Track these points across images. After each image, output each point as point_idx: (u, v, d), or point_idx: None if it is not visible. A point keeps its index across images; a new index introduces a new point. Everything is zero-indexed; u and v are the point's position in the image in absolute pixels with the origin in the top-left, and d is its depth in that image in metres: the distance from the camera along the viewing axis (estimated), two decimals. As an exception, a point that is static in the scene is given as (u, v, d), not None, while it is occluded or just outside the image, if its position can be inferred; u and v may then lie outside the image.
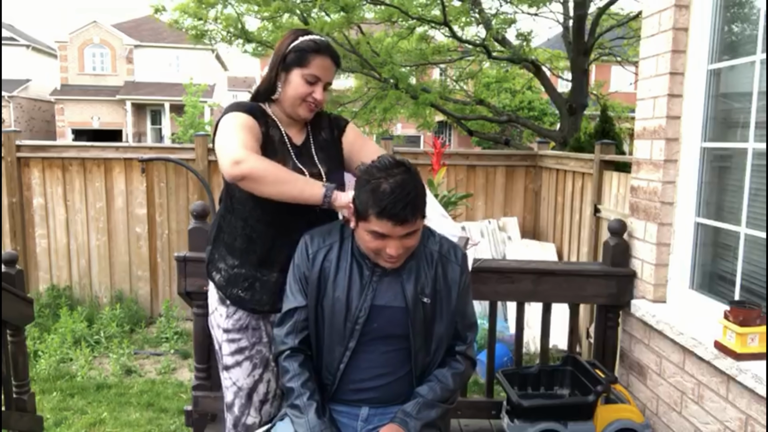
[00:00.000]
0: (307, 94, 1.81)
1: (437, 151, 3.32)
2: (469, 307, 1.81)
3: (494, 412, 2.67)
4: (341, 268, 1.70)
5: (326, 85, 1.85)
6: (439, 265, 1.73)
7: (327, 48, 1.84)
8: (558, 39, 10.95)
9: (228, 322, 1.91)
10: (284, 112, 1.87)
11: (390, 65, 8.30)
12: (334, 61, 1.86)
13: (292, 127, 1.91)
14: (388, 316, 1.68)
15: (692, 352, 2.15)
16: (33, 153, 6.10)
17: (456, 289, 1.74)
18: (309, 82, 1.80)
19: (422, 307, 1.68)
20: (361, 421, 1.73)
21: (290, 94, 1.82)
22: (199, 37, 9.12)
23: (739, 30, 2.28)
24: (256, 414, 1.94)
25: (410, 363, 1.71)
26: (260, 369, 1.93)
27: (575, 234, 5.49)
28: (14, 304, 2.65)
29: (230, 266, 1.87)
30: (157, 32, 25.98)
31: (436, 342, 1.72)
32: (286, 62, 1.82)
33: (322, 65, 1.81)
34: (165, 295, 6.24)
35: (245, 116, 1.78)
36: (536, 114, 18.69)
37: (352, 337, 1.67)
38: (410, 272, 1.70)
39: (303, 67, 1.80)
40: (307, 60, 1.80)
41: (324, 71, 1.82)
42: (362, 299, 1.67)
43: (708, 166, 2.36)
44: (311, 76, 1.80)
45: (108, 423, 4.01)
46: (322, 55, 1.81)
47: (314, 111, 1.87)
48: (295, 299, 1.72)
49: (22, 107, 26.12)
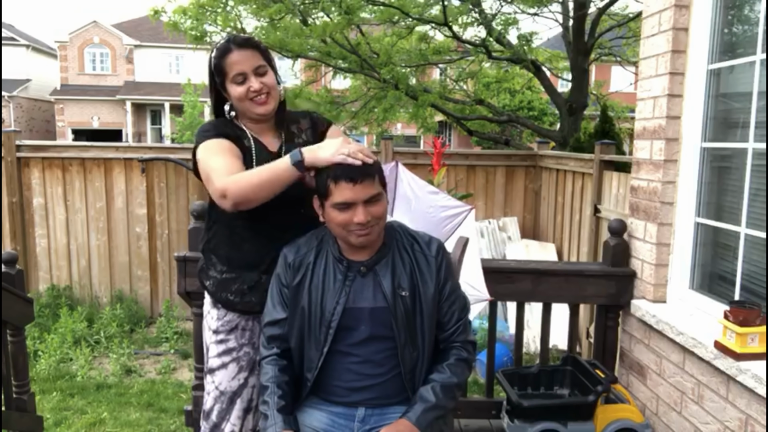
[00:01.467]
0: (246, 92, 1.79)
1: (437, 151, 3.32)
2: (455, 294, 1.79)
3: (494, 412, 2.67)
4: (316, 274, 1.73)
5: (257, 71, 1.80)
6: (414, 258, 1.75)
7: (229, 44, 1.81)
8: (558, 39, 10.95)
9: (218, 323, 1.92)
10: (249, 119, 1.87)
11: (390, 66, 8.29)
12: (245, 48, 1.80)
13: (265, 134, 1.89)
14: (369, 316, 1.69)
15: (692, 352, 2.15)
16: (33, 153, 6.10)
17: (433, 280, 1.74)
18: (239, 83, 1.79)
19: (401, 300, 1.70)
20: (357, 422, 1.73)
21: (236, 103, 1.83)
22: (199, 39, 9.12)
23: (739, 30, 2.29)
24: (236, 421, 1.91)
25: (398, 359, 1.71)
26: (246, 372, 1.93)
27: (575, 234, 5.49)
28: (14, 304, 2.65)
29: (219, 272, 1.89)
30: (157, 32, 25.89)
31: (421, 334, 1.72)
32: (216, 84, 1.84)
33: (235, 61, 1.79)
34: (165, 295, 6.24)
35: (217, 141, 1.77)
36: (536, 114, 18.67)
37: (326, 341, 1.69)
38: (386, 269, 1.72)
39: (226, 77, 1.80)
40: (223, 67, 1.80)
41: (241, 64, 1.78)
42: (335, 302, 1.69)
43: (708, 166, 2.36)
44: (236, 77, 1.79)
45: (108, 423, 4.00)
46: (230, 53, 1.80)
47: (267, 101, 1.82)
48: (276, 312, 1.76)
49: (22, 107, 26.11)
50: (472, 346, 1.82)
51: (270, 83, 1.82)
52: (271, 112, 1.86)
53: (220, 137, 1.79)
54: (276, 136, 1.91)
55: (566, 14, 8.58)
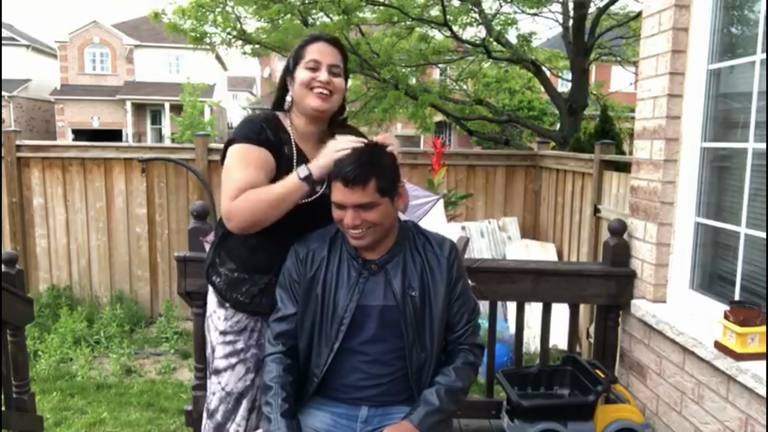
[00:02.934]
0: (312, 79, 1.78)
1: (437, 151, 3.32)
2: (465, 296, 1.79)
3: (494, 412, 2.67)
4: (329, 270, 1.72)
5: (332, 68, 1.80)
6: (426, 259, 1.75)
7: (320, 35, 1.85)
8: (558, 39, 10.93)
9: (226, 324, 1.90)
10: (302, 118, 1.84)
11: (390, 66, 8.29)
12: (332, 44, 1.83)
13: (311, 142, 1.86)
14: (379, 315, 1.69)
15: (692, 352, 2.15)
16: (33, 153, 6.10)
17: (444, 281, 1.74)
18: (310, 68, 1.78)
19: (411, 300, 1.69)
20: (360, 422, 1.73)
21: (297, 89, 1.80)
22: (199, 39, 9.12)
23: (738, 30, 2.29)
24: (241, 422, 1.91)
25: (405, 360, 1.71)
26: (252, 373, 1.92)
27: (575, 234, 5.49)
28: (14, 304, 2.65)
29: (230, 270, 1.87)
30: (157, 32, 25.88)
31: (430, 335, 1.72)
32: (290, 69, 1.83)
33: (318, 49, 1.80)
34: (165, 295, 6.24)
35: (252, 149, 1.74)
36: (536, 114, 18.66)
37: (337, 338, 1.68)
38: (396, 268, 1.71)
39: (301, 59, 1.80)
40: (304, 51, 1.80)
41: (321, 54, 1.79)
42: (348, 300, 1.68)
43: (708, 166, 2.36)
44: (310, 62, 1.78)
45: (108, 423, 4.00)
46: (316, 41, 1.81)
47: (327, 99, 1.79)
48: (285, 308, 1.75)
49: (22, 107, 26.11)
50: (480, 350, 1.82)
51: (338, 84, 1.82)
52: (325, 111, 1.83)
53: (256, 144, 1.75)
54: (316, 144, 1.86)
55: (566, 14, 8.57)
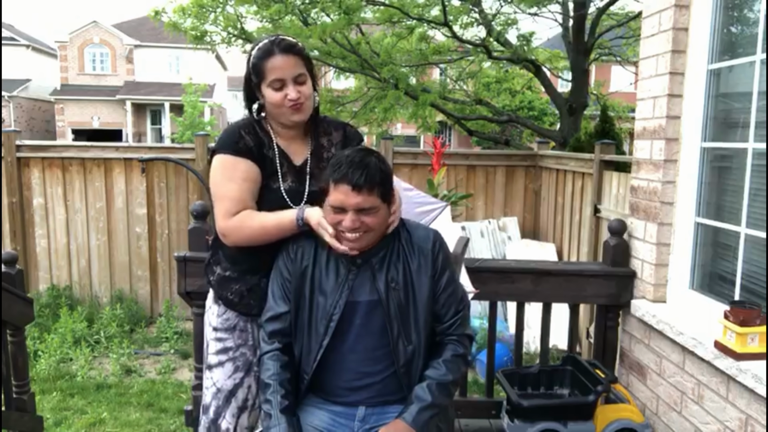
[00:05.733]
0: (282, 99, 1.75)
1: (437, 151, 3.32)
2: (452, 287, 1.78)
3: (494, 412, 2.67)
4: (319, 267, 1.73)
5: (297, 79, 1.75)
6: (410, 252, 1.75)
7: (271, 46, 1.75)
8: (558, 39, 10.93)
9: (218, 320, 1.94)
10: (280, 123, 1.84)
11: (390, 65, 8.29)
12: (289, 53, 1.75)
13: (293, 142, 1.86)
14: (365, 310, 1.70)
15: (692, 352, 2.15)
16: (33, 153, 6.10)
17: (428, 273, 1.74)
18: (276, 89, 1.75)
19: (394, 294, 1.70)
20: (357, 421, 1.74)
21: (269, 107, 1.80)
22: (199, 38, 9.12)
23: (738, 30, 2.29)
24: (231, 419, 1.93)
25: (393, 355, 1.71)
26: (242, 372, 1.93)
27: (575, 234, 5.49)
28: (14, 304, 2.65)
29: (223, 269, 1.90)
30: (158, 32, 25.90)
31: (416, 328, 1.72)
32: (252, 85, 1.80)
33: (278, 65, 1.73)
34: (165, 295, 6.24)
35: (235, 160, 1.76)
36: (536, 114, 18.67)
37: (326, 334, 1.69)
38: (381, 263, 1.72)
39: (263, 80, 1.76)
40: (262, 70, 1.75)
41: (282, 70, 1.73)
42: (338, 296, 1.70)
43: (708, 166, 2.36)
44: (275, 81, 1.74)
45: (108, 423, 4.01)
46: (272, 56, 1.74)
47: (302, 109, 1.78)
48: (278, 306, 1.76)
49: (22, 107, 26.12)
50: (469, 341, 1.82)
51: (307, 93, 1.78)
52: (304, 120, 1.83)
53: (239, 155, 1.76)
54: (304, 145, 1.88)
55: (566, 14, 8.57)
